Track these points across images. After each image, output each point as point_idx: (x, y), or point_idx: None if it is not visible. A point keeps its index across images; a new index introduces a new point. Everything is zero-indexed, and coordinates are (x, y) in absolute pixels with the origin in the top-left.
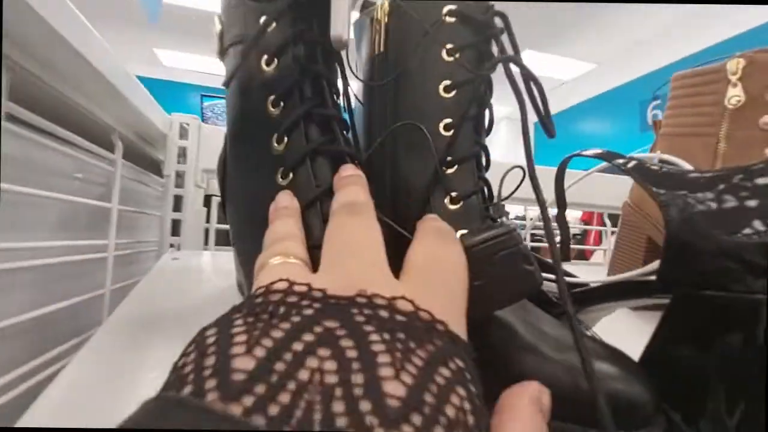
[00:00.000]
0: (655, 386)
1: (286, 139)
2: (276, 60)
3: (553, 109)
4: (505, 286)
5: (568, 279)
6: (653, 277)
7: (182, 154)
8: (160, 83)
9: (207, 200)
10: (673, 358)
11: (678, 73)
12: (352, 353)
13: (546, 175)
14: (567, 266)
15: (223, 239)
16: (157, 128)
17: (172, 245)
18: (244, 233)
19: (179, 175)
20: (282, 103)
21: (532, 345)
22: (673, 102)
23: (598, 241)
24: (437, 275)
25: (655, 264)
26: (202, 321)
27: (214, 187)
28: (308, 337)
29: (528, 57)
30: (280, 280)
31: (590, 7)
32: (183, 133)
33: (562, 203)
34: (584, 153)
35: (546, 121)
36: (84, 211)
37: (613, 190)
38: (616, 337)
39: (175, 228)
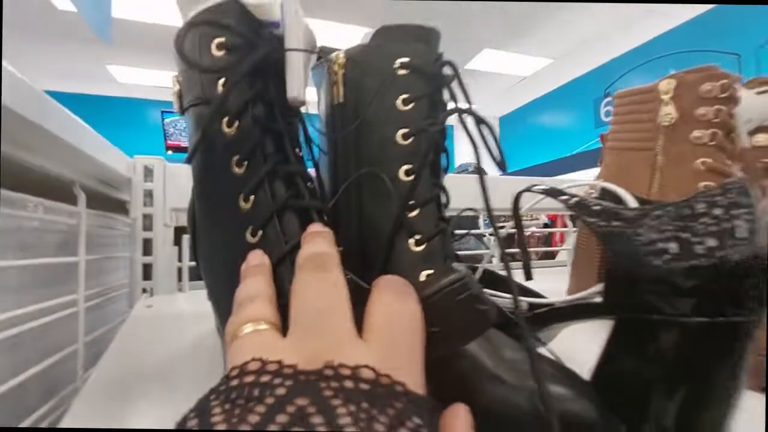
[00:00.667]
0: (602, 402)
1: (252, 197)
2: (237, 121)
3: (516, 103)
4: (462, 330)
5: (526, 299)
6: (600, 299)
7: (149, 195)
8: (118, 101)
9: (177, 236)
10: (619, 374)
11: (619, 91)
12: (322, 429)
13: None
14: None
15: (196, 275)
16: (120, 173)
17: (144, 290)
18: (219, 289)
19: (146, 217)
20: (246, 163)
21: (495, 374)
22: (616, 118)
23: (563, 239)
24: (397, 333)
25: (600, 286)
26: (185, 375)
27: (184, 220)
28: (282, 418)
29: (488, 56)
30: (253, 360)
31: (545, 5)
32: (148, 175)
33: (520, 232)
34: (533, 189)
35: (498, 161)
36: (48, 267)
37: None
38: (575, 347)
39: (146, 271)
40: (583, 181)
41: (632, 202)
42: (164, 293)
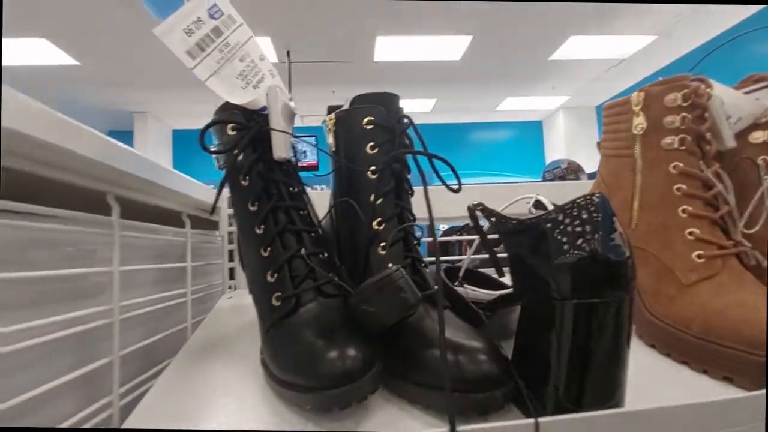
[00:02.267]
0: (507, 361)
1: (263, 226)
2: (248, 176)
3: (615, 89)
4: (387, 310)
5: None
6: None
7: (231, 218)
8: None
9: None
10: (526, 349)
11: (606, 104)
12: None
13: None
14: None
15: None
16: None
17: (230, 286)
18: (251, 286)
19: (230, 234)
20: (257, 203)
21: (428, 340)
22: (604, 128)
23: None
24: None
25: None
26: (246, 341)
27: None
28: None
29: (575, 43)
30: None
31: None
32: (230, 203)
33: (483, 237)
34: (476, 207)
35: (448, 185)
36: (171, 269)
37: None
38: None
39: (232, 273)
40: (525, 195)
41: (550, 207)
42: (243, 289)
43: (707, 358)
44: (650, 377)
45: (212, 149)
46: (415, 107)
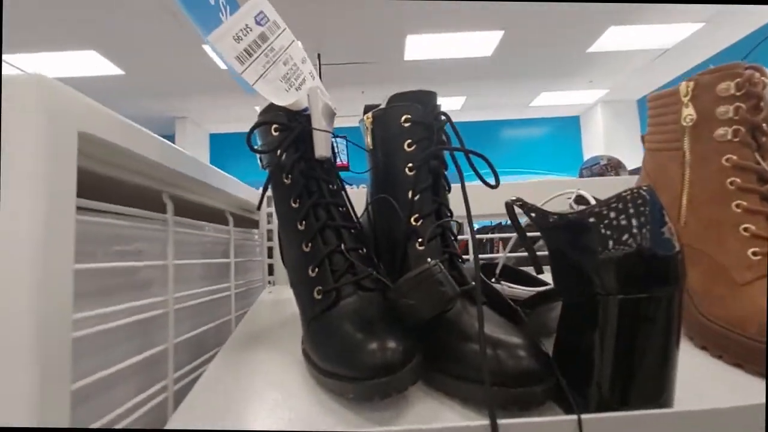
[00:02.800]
0: (548, 357)
1: (304, 222)
2: (290, 175)
3: (658, 81)
4: (427, 303)
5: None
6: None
7: (270, 216)
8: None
9: None
10: (568, 347)
11: (650, 95)
12: None
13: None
14: None
15: None
16: (252, 203)
17: (269, 282)
18: (293, 281)
19: (269, 232)
20: (299, 200)
21: (467, 335)
22: (650, 121)
23: None
24: None
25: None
26: (287, 333)
27: None
28: None
29: (614, 34)
30: None
31: None
32: (269, 202)
33: (522, 233)
34: (515, 203)
35: (486, 181)
36: (215, 265)
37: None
38: None
39: (271, 269)
40: (567, 190)
41: (593, 202)
42: (281, 285)
43: (763, 360)
44: (701, 379)
45: (257, 149)
46: (445, 105)
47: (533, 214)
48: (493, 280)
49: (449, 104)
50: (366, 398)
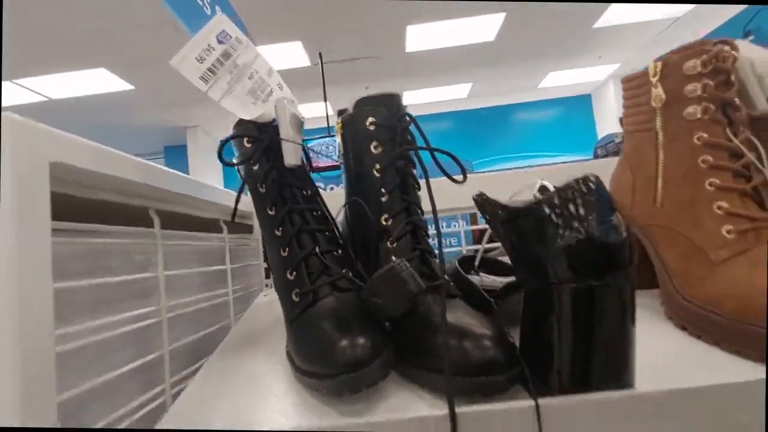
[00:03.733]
0: (514, 347)
1: (281, 228)
2: (264, 184)
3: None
4: (394, 300)
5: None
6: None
7: None
8: None
9: None
10: (530, 335)
11: (623, 77)
12: None
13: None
14: None
15: None
16: (246, 211)
17: (267, 285)
18: (276, 282)
19: None
20: (274, 208)
21: (436, 328)
22: (624, 103)
23: None
24: None
25: None
26: (278, 336)
27: None
28: None
29: (619, 8)
30: None
31: None
32: None
33: (492, 225)
34: (474, 198)
35: (451, 177)
36: (214, 272)
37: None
38: None
39: (268, 273)
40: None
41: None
42: None
43: (740, 339)
44: (678, 360)
45: (230, 161)
46: (450, 94)
47: (487, 214)
48: (472, 272)
49: (456, 92)
50: (337, 393)
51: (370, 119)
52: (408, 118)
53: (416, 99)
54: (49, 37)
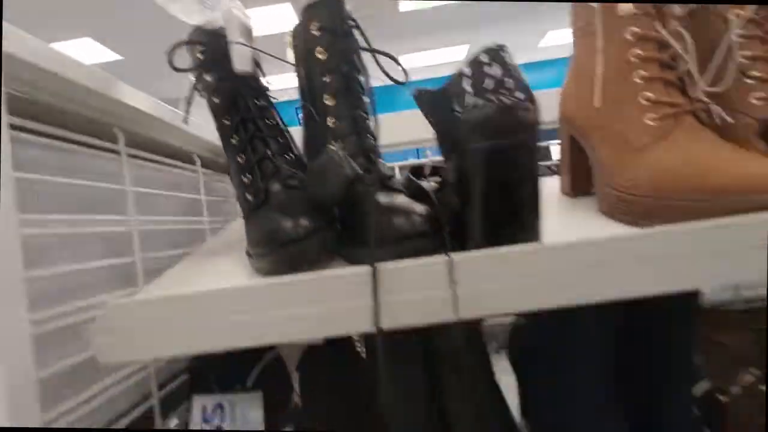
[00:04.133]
0: (438, 222)
1: (236, 136)
2: (217, 93)
3: None
4: (330, 183)
5: None
6: None
7: None
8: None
9: None
10: (447, 205)
11: None
12: None
13: None
14: None
15: None
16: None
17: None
18: (237, 195)
19: None
20: (228, 117)
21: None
22: (571, 10)
23: None
24: None
25: None
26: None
27: None
28: None
29: None
30: None
31: None
32: None
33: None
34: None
35: (393, 78)
36: (192, 202)
37: None
38: None
39: None
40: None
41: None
42: None
43: (656, 216)
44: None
45: (179, 68)
46: (446, 57)
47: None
48: (422, 178)
49: (452, 54)
50: (276, 270)
51: (314, 24)
52: (352, 23)
53: (411, 63)
54: (26, 4)
